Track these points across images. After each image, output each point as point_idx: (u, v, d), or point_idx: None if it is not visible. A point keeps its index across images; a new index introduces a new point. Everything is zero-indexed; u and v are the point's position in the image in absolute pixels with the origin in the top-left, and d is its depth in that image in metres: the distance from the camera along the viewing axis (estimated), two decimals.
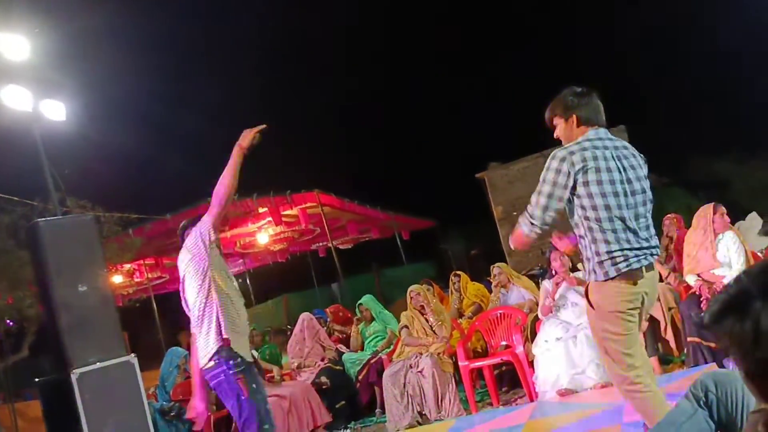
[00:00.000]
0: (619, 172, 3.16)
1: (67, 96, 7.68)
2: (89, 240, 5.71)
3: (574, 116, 3.29)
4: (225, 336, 3.69)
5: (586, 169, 3.11)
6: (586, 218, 3.16)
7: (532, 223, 3.19)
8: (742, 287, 1.18)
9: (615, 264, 3.12)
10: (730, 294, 1.19)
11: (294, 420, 6.59)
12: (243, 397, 3.66)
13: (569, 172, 3.13)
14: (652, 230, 3.28)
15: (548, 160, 3.22)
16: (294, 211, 14.31)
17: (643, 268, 3.16)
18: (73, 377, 5.23)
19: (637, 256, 3.14)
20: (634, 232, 3.15)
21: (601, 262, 3.14)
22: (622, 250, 3.12)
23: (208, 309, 3.77)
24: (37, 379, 5.81)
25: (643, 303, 3.21)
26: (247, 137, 3.92)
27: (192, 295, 3.86)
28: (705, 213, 5.91)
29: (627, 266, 3.11)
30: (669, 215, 7.12)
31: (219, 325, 3.71)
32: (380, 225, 18.72)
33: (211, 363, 3.70)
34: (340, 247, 18.72)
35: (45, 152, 6.94)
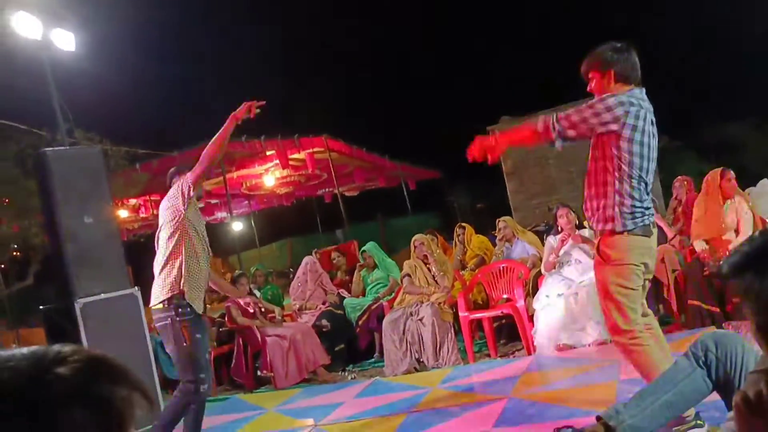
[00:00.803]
0: (650, 136, 3.24)
1: (78, 26, 7.58)
2: (96, 172, 5.71)
3: (612, 72, 3.29)
4: (182, 287, 3.96)
5: (634, 125, 3.17)
6: (620, 169, 3.22)
7: (553, 127, 3.19)
8: (766, 242, 1.16)
9: (634, 217, 3.22)
10: (752, 247, 1.18)
11: (293, 360, 6.67)
12: (184, 344, 3.94)
13: (618, 118, 3.15)
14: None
15: (605, 96, 3.21)
16: (301, 155, 14.26)
17: (651, 225, 3.27)
18: (77, 306, 5.28)
19: (648, 211, 3.27)
20: (648, 193, 3.28)
21: (623, 213, 3.22)
22: (642, 205, 3.23)
23: (173, 258, 4.04)
24: (41, 307, 5.87)
25: (651, 258, 3.33)
26: (243, 110, 4.09)
27: (162, 241, 4.13)
28: (713, 178, 5.87)
29: (642, 221, 3.22)
30: (679, 177, 7.08)
31: (179, 275, 3.99)
32: (387, 174, 18.67)
33: (160, 305, 4.01)
34: (346, 193, 18.72)
35: (54, 82, 6.88)
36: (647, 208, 3.26)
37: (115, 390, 0.59)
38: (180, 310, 3.95)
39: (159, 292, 4.05)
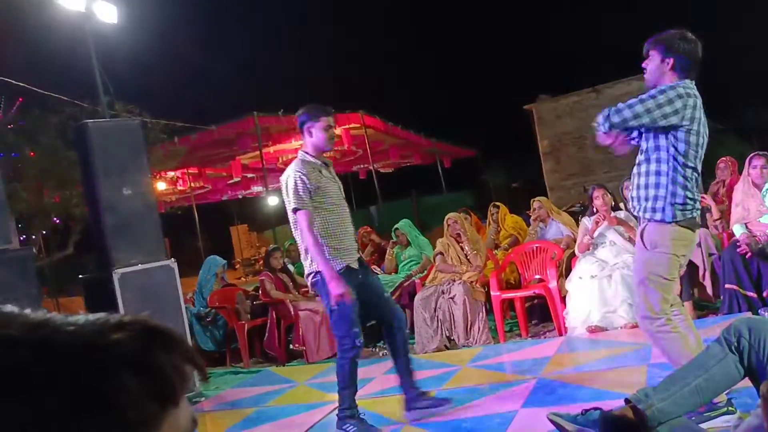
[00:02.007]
0: (704, 126, 3.25)
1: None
2: (135, 145, 5.80)
3: (672, 60, 3.26)
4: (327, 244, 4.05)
5: (693, 117, 3.17)
6: (675, 159, 3.21)
7: (604, 120, 3.19)
8: None
9: (684, 209, 3.21)
10: None
11: (324, 334, 6.74)
12: (327, 304, 4.02)
13: (678, 110, 3.13)
14: None
15: (665, 88, 3.18)
16: (337, 131, 14.25)
17: (697, 218, 3.30)
18: (115, 276, 5.40)
19: (698, 207, 3.30)
20: (698, 184, 3.31)
21: (674, 204, 3.21)
22: (693, 198, 3.25)
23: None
24: (80, 276, 6.00)
25: (691, 252, 3.38)
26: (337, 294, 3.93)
27: (291, 222, 4.20)
28: (746, 163, 5.80)
29: (691, 214, 3.25)
30: (724, 158, 6.90)
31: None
32: (422, 151, 18.64)
33: (312, 272, 4.06)
34: (381, 170, 18.73)
35: (95, 54, 6.98)
36: (696, 200, 3.27)
37: (168, 359, 0.61)
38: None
39: (308, 265, 4.11)
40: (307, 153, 4.18)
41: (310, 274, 4.06)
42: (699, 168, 3.29)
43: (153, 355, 0.60)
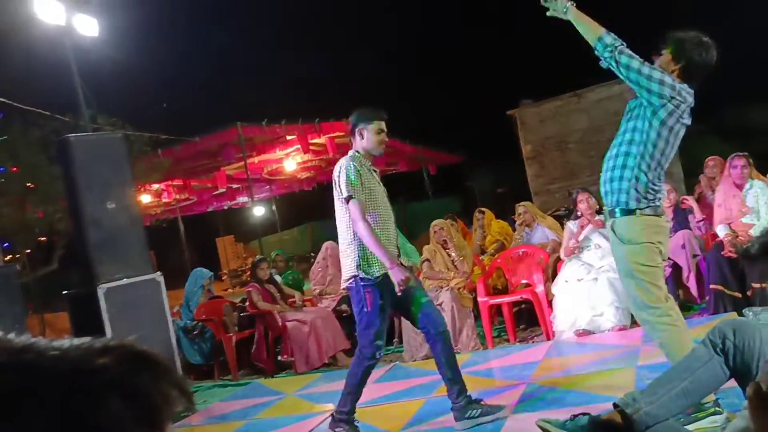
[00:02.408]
0: (681, 127, 3.30)
1: (100, 11, 7.65)
2: (118, 158, 5.77)
3: (682, 65, 3.30)
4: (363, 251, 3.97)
5: (673, 111, 3.21)
6: (646, 145, 3.26)
7: (615, 49, 3.20)
8: None
9: (647, 197, 3.28)
10: None
11: (313, 345, 6.73)
12: (365, 310, 3.91)
13: (663, 96, 3.19)
14: None
15: (668, 75, 3.25)
16: (322, 140, 14.27)
17: (661, 207, 3.39)
18: (100, 291, 5.36)
19: (660, 197, 3.37)
20: (661, 179, 3.37)
21: (637, 190, 3.28)
22: (655, 188, 3.31)
23: (353, 237, 4.03)
24: (65, 292, 5.96)
25: (666, 237, 3.42)
26: (400, 279, 3.85)
27: (338, 216, 4.17)
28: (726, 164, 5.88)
29: (654, 202, 3.31)
30: (713, 157, 6.90)
31: (358, 256, 3.96)
32: (408, 158, 18.64)
33: (350, 279, 4.00)
34: None
35: (76, 67, 6.94)
36: (658, 191, 3.34)
37: (155, 384, 0.61)
38: (363, 273, 3.92)
39: (347, 269, 4.05)
40: (358, 152, 4.16)
41: (348, 279, 3.98)
42: (664, 167, 3.34)
43: (139, 379, 0.59)
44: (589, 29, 3.28)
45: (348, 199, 3.98)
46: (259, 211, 22.75)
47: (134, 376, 0.59)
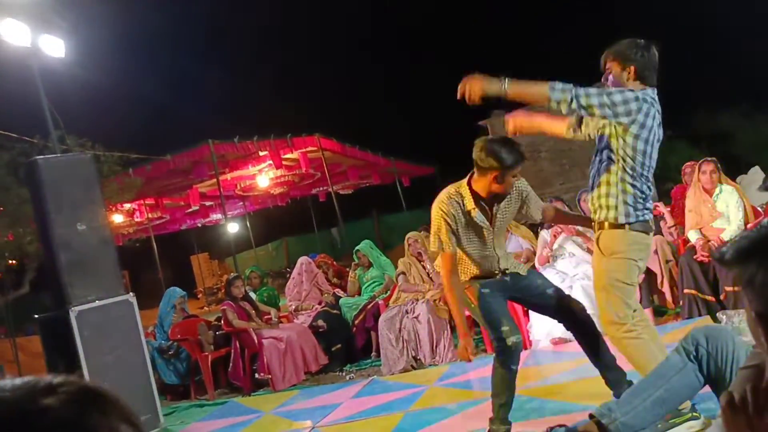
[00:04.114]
0: (655, 136, 3.27)
1: (67, 32, 7.57)
2: (88, 179, 5.71)
3: (633, 68, 3.29)
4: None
5: (643, 123, 3.20)
6: (624, 161, 3.25)
7: (571, 99, 3.10)
8: None
9: (636, 209, 3.27)
10: (761, 233, 1.14)
11: (290, 361, 6.68)
12: (472, 306, 3.78)
13: (630, 112, 3.15)
14: None
15: (625, 90, 3.21)
16: (295, 155, 14.25)
17: (650, 222, 3.33)
18: (72, 314, 5.28)
19: (648, 209, 3.33)
20: (650, 190, 3.34)
21: (625, 204, 3.27)
22: (644, 199, 3.30)
23: None
24: (36, 316, 5.86)
25: (648, 256, 3.39)
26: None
27: None
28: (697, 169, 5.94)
29: (643, 216, 3.28)
30: (689, 163, 6.94)
31: None
32: (381, 171, 18.67)
33: None
34: (341, 192, 18.71)
35: (44, 89, 6.86)
36: (647, 200, 3.31)
37: (104, 421, 0.59)
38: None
39: None
40: None
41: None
42: (649, 175, 3.32)
43: (88, 418, 0.58)
44: (535, 94, 3.19)
45: None
46: (233, 228, 22.60)
47: (81, 414, 0.57)
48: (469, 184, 3.61)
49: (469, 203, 3.57)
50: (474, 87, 3.14)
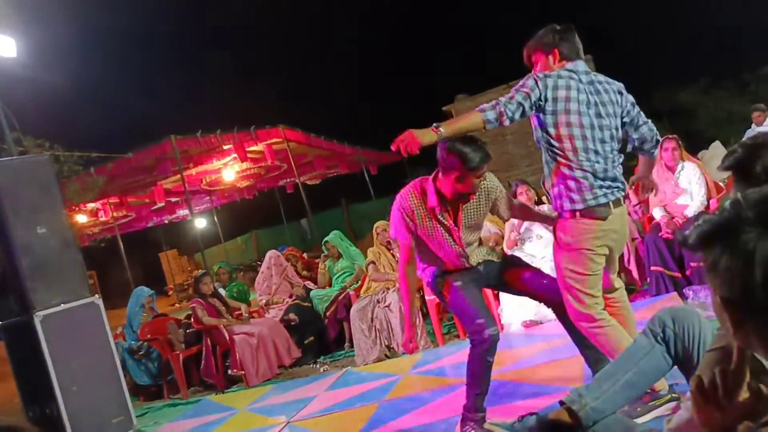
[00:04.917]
0: (590, 104, 3.09)
1: (19, 31, 7.40)
2: (46, 180, 5.57)
3: (556, 51, 3.21)
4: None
5: (556, 96, 3.05)
6: (552, 145, 3.11)
7: (501, 113, 2.97)
8: (739, 213, 1.11)
9: (582, 196, 3.08)
10: (723, 217, 1.12)
11: (263, 357, 6.63)
12: (446, 300, 3.70)
13: (541, 93, 3.03)
14: (619, 166, 3.21)
15: (528, 76, 3.10)
16: (259, 147, 14.12)
17: (611, 204, 3.11)
18: (36, 319, 5.17)
19: (603, 189, 3.10)
20: (601, 166, 3.09)
21: (568, 192, 3.11)
22: (588, 182, 3.07)
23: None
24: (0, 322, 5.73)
25: (611, 240, 3.18)
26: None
27: None
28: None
29: (594, 200, 3.08)
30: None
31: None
32: (348, 160, 18.59)
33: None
34: (308, 182, 18.61)
35: None
36: (600, 182, 3.08)
37: None
38: (432, 277, 3.73)
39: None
40: None
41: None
42: (600, 149, 3.08)
43: None
44: (470, 124, 3.03)
45: None
46: (200, 223, 22.40)
47: None
48: (434, 181, 3.48)
49: (432, 200, 3.46)
50: (409, 142, 2.94)
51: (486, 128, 3.01)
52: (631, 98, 3.32)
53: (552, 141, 3.10)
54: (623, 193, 3.20)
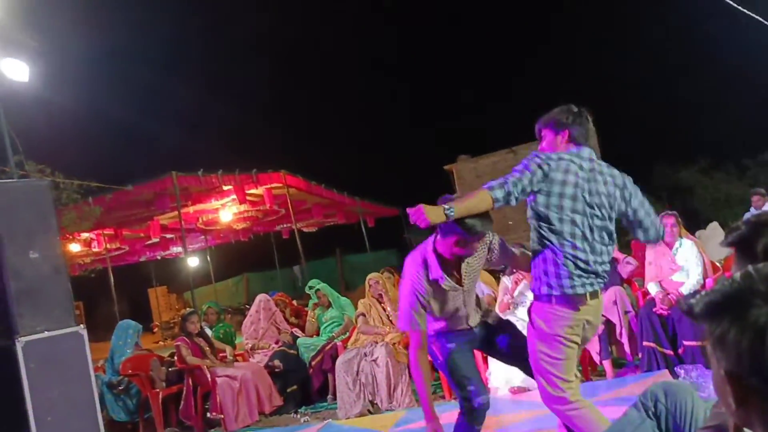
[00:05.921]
0: (585, 192, 3.05)
1: (31, 56, 7.47)
2: (43, 206, 5.55)
3: (566, 132, 3.19)
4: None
5: (553, 178, 3.01)
6: (540, 225, 3.07)
7: (509, 192, 2.94)
8: (750, 285, 1.07)
9: (560, 282, 3.03)
10: (734, 288, 1.09)
11: (244, 401, 6.52)
12: (438, 362, 3.66)
13: (542, 175, 3.01)
14: (607, 261, 3.16)
15: (531, 156, 3.08)
16: (259, 191, 14.17)
17: (588, 295, 3.06)
18: (18, 345, 5.08)
19: (581, 279, 3.04)
20: (585, 256, 3.04)
21: (546, 277, 3.07)
22: (569, 269, 3.02)
23: None
24: None
25: (584, 329, 3.13)
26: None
27: None
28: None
29: (571, 289, 3.03)
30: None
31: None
32: (346, 210, 18.65)
33: None
34: (304, 229, 18.62)
35: (3, 113, 6.73)
36: (581, 272, 3.03)
37: None
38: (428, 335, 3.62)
39: None
40: None
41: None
42: (585, 236, 3.02)
43: None
44: (479, 202, 2.98)
45: None
46: (193, 262, 22.30)
47: None
48: (434, 247, 3.40)
49: (435, 272, 3.38)
50: (418, 218, 2.92)
51: (494, 207, 2.98)
52: (639, 195, 3.29)
53: (541, 221, 3.06)
54: (602, 286, 3.16)
